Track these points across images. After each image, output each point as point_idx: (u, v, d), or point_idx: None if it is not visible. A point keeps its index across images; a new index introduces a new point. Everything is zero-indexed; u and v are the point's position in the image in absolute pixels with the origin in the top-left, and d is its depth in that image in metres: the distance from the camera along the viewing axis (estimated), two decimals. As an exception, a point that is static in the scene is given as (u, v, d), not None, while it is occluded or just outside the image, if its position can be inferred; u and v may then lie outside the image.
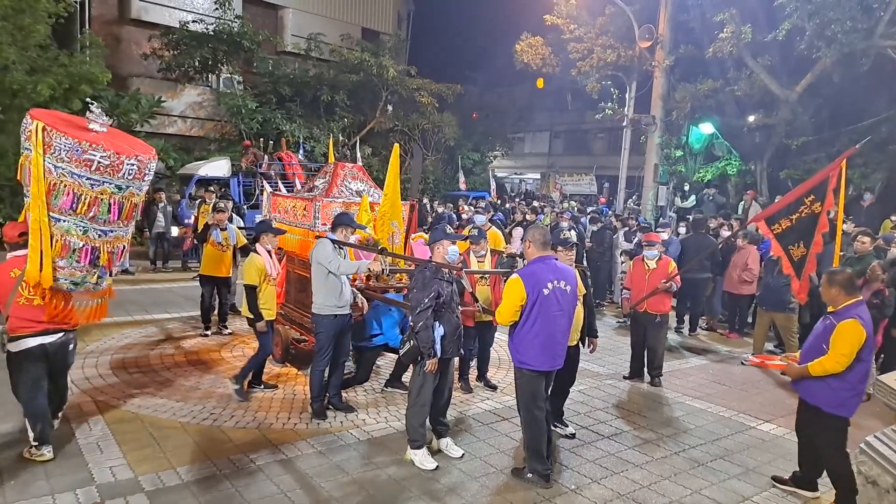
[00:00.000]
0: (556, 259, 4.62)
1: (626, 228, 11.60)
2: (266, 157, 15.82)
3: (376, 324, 6.14)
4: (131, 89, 16.80)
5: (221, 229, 7.89)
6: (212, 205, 9.42)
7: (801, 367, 4.21)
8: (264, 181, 11.15)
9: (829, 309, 4.35)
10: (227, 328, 8.10)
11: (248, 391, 5.91)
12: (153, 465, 4.47)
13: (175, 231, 12.85)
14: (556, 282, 4.41)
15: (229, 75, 18.65)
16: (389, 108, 21.13)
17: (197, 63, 17.29)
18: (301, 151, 17.29)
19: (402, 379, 6.29)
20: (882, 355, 7.23)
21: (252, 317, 5.81)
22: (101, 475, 4.29)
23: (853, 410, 4.21)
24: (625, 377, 7.20)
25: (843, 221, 7.99)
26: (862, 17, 13.00)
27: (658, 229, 9.89)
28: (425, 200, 15.73)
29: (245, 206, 14.13)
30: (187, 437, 4.96)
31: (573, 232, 6.00)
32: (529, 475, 4.55)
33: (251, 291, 5.75)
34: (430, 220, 13.91)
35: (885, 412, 5.41)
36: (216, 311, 8.15)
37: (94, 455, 4.58)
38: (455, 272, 4.92)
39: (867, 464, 3.18)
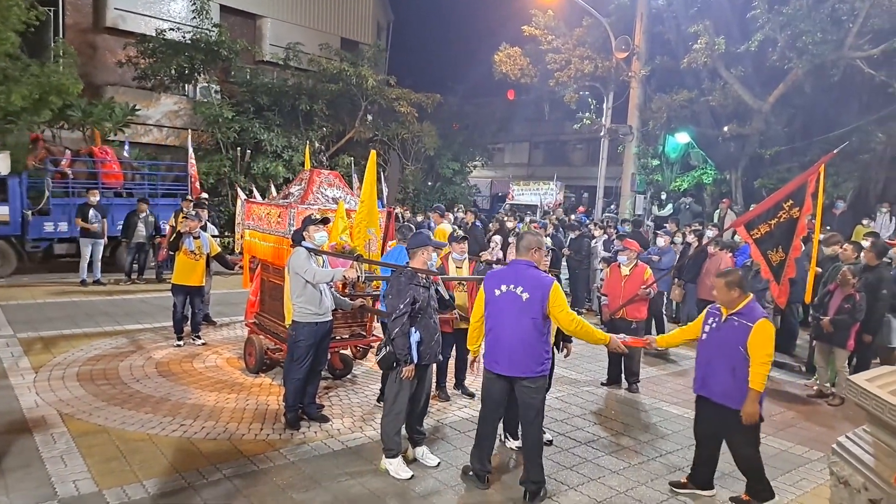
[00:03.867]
0: (532, 265, 4.42)
1: (606, 237, 11.66)
2: (68, 151, 13.29)
3: None
4: (106, 98, 16.57)
5: (194, 237, 7.76)
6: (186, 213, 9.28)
7: (752, 395, 4.09)
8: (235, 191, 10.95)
9: (726, 310, 4.34)
10: (199, 338, 7.95)
11: None
12: (119, 479, 4.33)
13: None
14: (511, 286, 4.32)
15: (206, 84, 18.46)
16: (369, 117, 21.07)
17: (173, 72, 17.08)
18: (126, 147, 15.10)
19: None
20: (855, 359, 7.32)
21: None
22: (64, 489, 4.16)
23: (762, 404, 4.28)
24: (602, 384, 7.20)
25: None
26: (832, 28, 13.29)
27: (658, 234, 9.98)
28: (398, 210, 15.50)
29: (31, 212, 12.12)
30: (155, 450, 4.83)
31: (548, 239, 6.00)
32: (471, 473, 4.60)
33: None
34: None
35: (858, 415, 5.45)
36: (189, 322, 8.01)
37: (58, 468, 4.43)
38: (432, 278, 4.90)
39: (839, 464, 3.18)
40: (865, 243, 7.70)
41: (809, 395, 7.23)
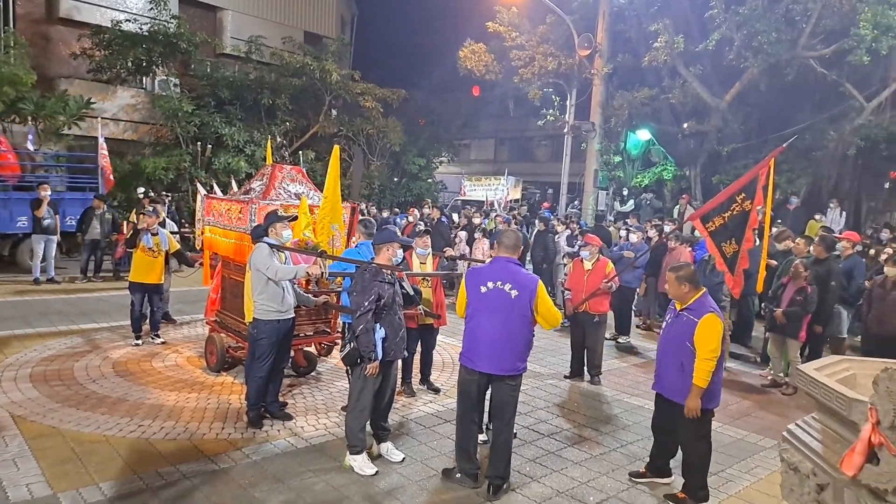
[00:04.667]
0: (517, 262, 4.47)
1: (569, 232, 11.79)
2: None
3: None
4: (59, 90, 16.03)
5: (152, 234, 7.59)
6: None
7: (694, 390, 4.16)
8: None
9: (679, 305, 4.41)
10: (158, 337, 7.78)
11: None
12: (74, 482, 4.22)
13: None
14: (497, 282, 4.32)
15: (165, 77, 18.02)
16: (333, 112, 20.86)
17: (130, 64, 16.61)
18: (30, 138, 13.72)
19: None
20: (807, 349, 7.57)
21: None
22: (17, 493, 4.04)
23: (718, 399, 4.34)
24: (565, 376, 7.29)
25: (771, 224, 8.34)
26: (786, 28, 13.71)
27: (629, 229, 10.02)
28: (362, 206, 15.29)
29: None
30: (112, 452, 4.72)
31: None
32: (458, 475, 4.53)
33: None
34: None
35: (811, 403, 5.63)
36: (147, 320, 7.84)
37: (10, 472, 4.30)
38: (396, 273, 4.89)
39: (789, 451, 3.28)
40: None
41: (764, 385, 7.45)
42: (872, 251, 10.19)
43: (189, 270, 8.60)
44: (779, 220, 12.08)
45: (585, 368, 7.23)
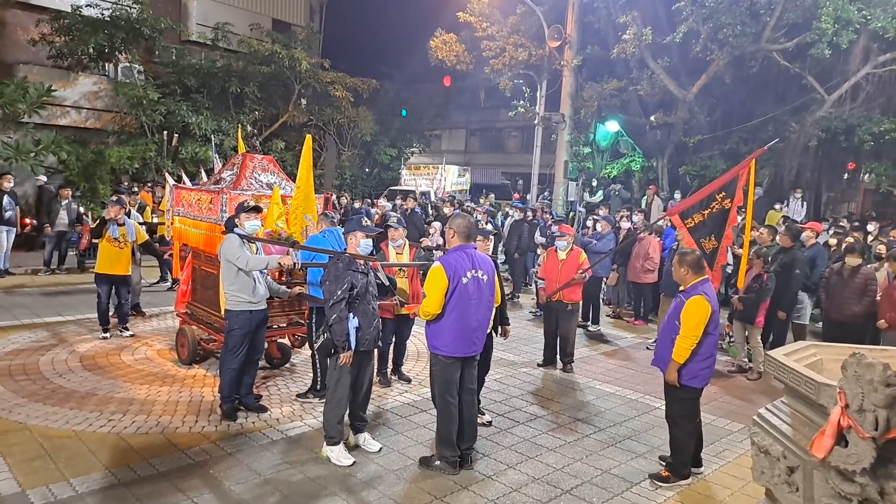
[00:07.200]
0: (476, 248, 4.71)
1: (541, 223, 11.86)
2: None
3: None
4: (18, 77, 15.48)
5: (119, 224, 7.41)
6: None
7: (671, 364, 4.41)
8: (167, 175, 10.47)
9: (681, 288, 4.63)
10: (127, 330, 7.63)
11: None
12: (43, 478, 4.13)
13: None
14: (474, 271, 4.50)
15: (128, 64, 17.52)
16: (303, 101, 20.60)
17: (91, 50, 16.12)
18: None
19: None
20: (771, 335, 7.78)
21: None
22: (-17, 492, 3.94)
23: (705, 380, 4.53)
24: (539, 365, 7.37)
25: (739, 213, 8.50)
26: (751, 21, 13.98)
27: (596, 219, 10.08)
28: (333, 197, 15.12)
29: None
30: (82, 447, 4.62)
31: (489, 224, 6.07)
32: (437, 462, 4.58)
33: None
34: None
35: (774, 388, 5.81)
36: (115, 313, 7.67)
37: (-25, 470, 4.19)
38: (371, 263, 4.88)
39: (759, 434, 3.37)
40: (781, 227, 8.18)
41: (730, 371, 7.64)
42: (833, 240, 10.47)
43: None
44: (744, 210, 12.33)
45: (558, 357, 7.32)
